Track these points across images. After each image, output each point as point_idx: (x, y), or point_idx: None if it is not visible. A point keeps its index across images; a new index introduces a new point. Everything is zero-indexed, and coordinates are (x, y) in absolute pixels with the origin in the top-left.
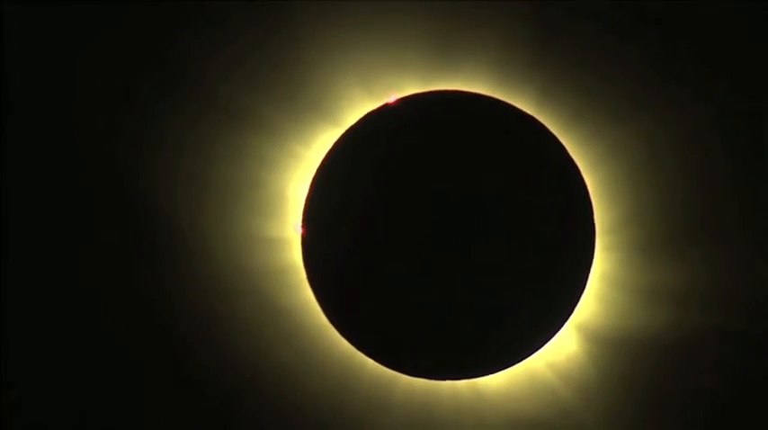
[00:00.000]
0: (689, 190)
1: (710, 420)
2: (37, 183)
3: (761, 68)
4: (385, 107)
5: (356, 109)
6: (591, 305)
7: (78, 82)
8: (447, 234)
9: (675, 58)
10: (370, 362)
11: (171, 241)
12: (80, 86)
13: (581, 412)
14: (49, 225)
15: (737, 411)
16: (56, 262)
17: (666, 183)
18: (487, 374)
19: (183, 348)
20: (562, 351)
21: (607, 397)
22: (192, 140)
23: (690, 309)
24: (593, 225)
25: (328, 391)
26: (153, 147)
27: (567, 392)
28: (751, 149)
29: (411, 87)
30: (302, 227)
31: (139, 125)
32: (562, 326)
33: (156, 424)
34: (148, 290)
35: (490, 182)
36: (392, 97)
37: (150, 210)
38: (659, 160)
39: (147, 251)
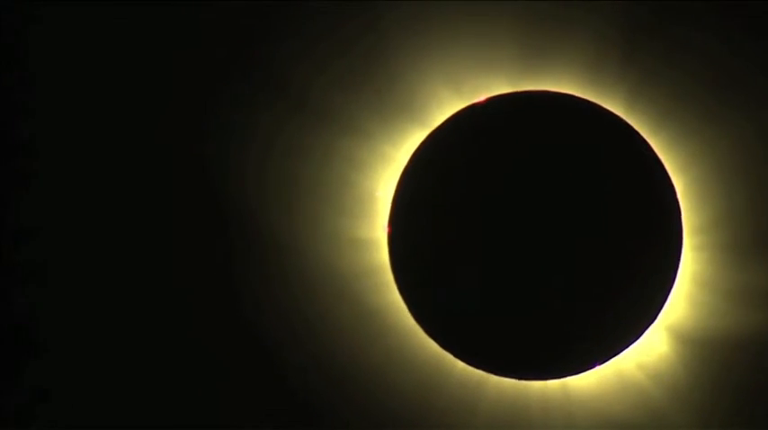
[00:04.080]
0: None
1: None
2: (129, 183)
3: None
4: (471, 107)
5: (445, 110)
6: (681, 306)
7: (171, 82)
8: (535, 234)
9: (766, 56)
10: (460, 363)
11: (261, 241)
12: (173, 87)
13: (671, 413)
14: (141, 225)
15: None
16: (147, 262)
17: (758, 183)
18: (576, 374)
19: (274, 348)
20: (652, 352)
21: (698, 398)
22: (282, 141)
23: None
24: (680, 226)
25: (418, 391)
26: (243, 147)
27: (657, 393)
28: None
29: (500, 88)
30: (388, 227)
31: (230, 125)
32: (649, 325)
33: (248, 422)
34: (238, 290)
35: (578, 182)
36: (480, 98)
37: (240, 210)
38: (751, 160)
39: (237, 251)
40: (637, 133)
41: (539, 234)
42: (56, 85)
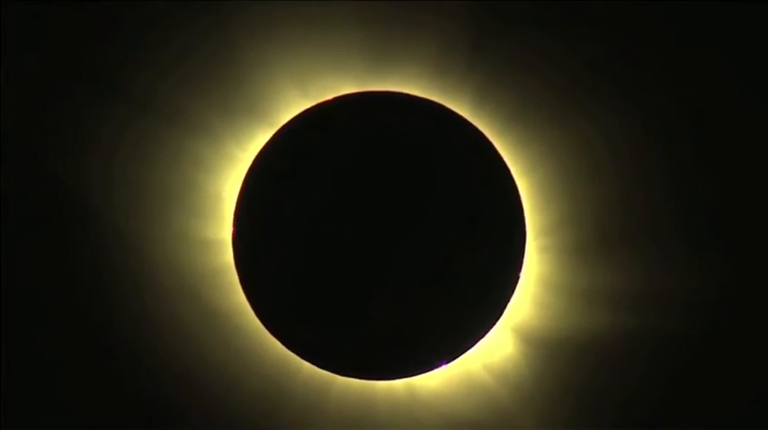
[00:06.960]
0: (625, 192)
1: (645, 422)
2: None
3: (697, 70)
4: (317, 107)
5: (292, 111)
6: (527, 307)
7: (9, 85)
8: (380, 234)
9: (612, 60)
10: (306, 364)
11: (107, 244)
12: (11, 89)
13: (516, 413)
14: None
15: (672, 413)
16: None
17: (602, 185)
18: (421, 374)
19: (118, 350)
20: (498, 352)
21: (542, 398)
22: (127, 143)
23: (625, 311)
24: (523, 228)
25: (264, 394)
26: (87, 150)
27: (502, 393)
28: (687, 150)
29: (347, 88)
30: (233, 228)
31: (73, 128)
32: (494, 326)
33: (88, 425)
34: (84, 293)
35: (422, 183)
36: (327, 98)
37: (86, 213)
38: (595, 163)
39: (82, 255)
40: (482, 135)
41: (382, 234)
42: None
